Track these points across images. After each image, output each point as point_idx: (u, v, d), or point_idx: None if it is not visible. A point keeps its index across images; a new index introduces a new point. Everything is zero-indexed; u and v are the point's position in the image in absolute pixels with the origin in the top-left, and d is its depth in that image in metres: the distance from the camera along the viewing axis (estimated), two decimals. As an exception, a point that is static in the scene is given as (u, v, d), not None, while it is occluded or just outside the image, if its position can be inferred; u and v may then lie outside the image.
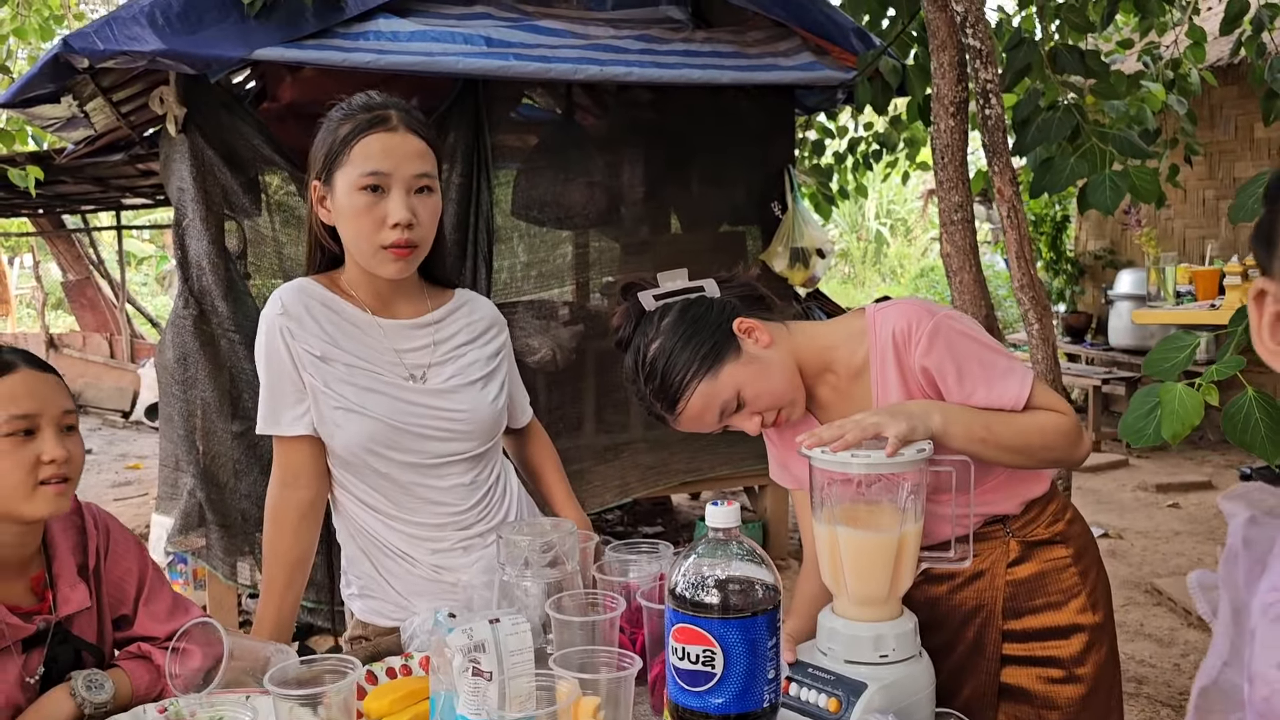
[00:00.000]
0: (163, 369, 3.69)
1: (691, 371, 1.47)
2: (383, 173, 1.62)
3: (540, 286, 4.31)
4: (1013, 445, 1.43)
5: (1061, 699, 1.55)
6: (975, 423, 1.41)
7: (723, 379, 1.48)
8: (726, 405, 1.49)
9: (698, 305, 1.53)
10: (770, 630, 1.05)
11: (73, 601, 1.54)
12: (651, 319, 1.53)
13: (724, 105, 4.36)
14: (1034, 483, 1.57)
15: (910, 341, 1.47)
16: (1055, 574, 1.57)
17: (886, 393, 1.50)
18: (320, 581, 3.49)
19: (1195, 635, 4.06)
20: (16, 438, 1.43)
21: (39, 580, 1.54)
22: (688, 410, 1.49)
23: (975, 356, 1.46)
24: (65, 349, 10.25)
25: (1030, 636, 1.57)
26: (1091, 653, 1.56)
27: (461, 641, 1.14)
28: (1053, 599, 1.57)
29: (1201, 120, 6.04)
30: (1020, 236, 3.09)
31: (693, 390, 1.47)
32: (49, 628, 1.51)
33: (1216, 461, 6.99)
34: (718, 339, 1.49)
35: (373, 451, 1.71)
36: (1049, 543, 1.58)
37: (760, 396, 1.49)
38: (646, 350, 1.51)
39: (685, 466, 4.42)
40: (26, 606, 1.51)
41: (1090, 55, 3.38)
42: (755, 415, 1.51)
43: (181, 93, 3.50)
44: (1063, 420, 1.46)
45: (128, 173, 6.34)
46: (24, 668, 1.47)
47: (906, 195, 17.63)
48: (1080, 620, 1.56)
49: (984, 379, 1.45)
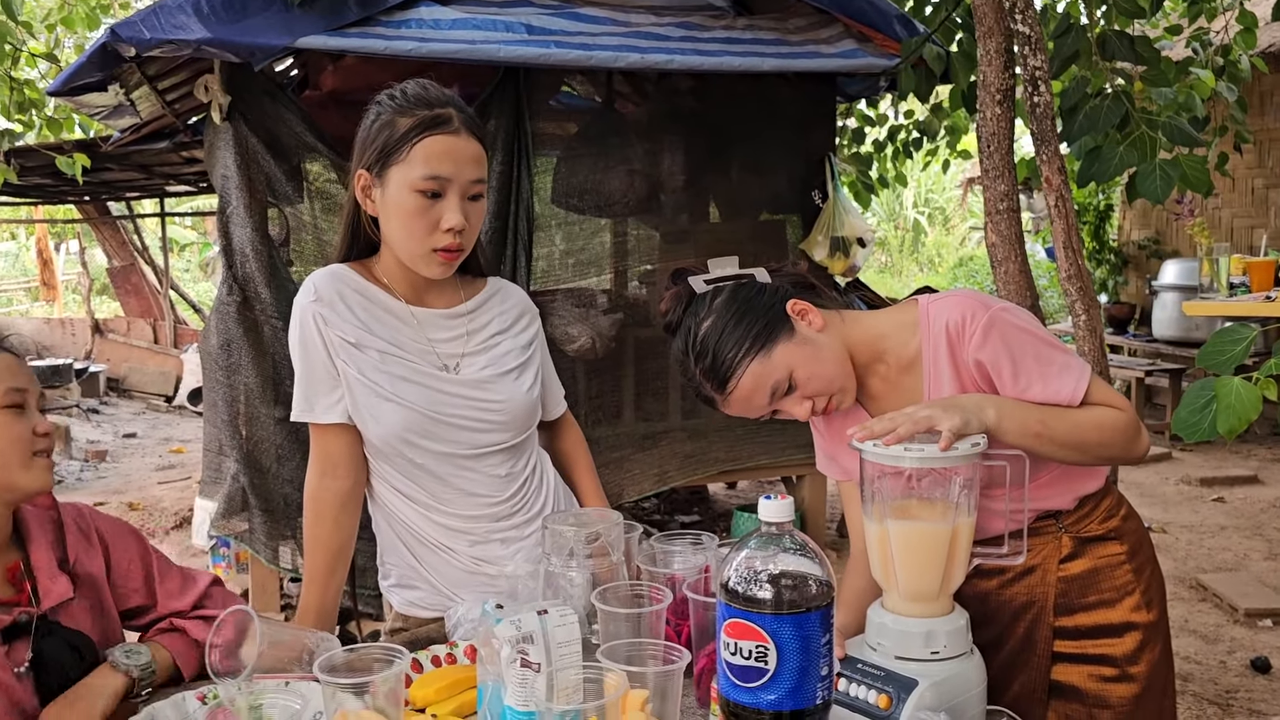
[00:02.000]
0: (207, 355, 3.73)
1: (744, 349, 1.45)
2: (443, 177, 1.61)
3: (578, 274, 4.31)
4: (1068, 441, 1.40)
5: (1114, 698, 1.52)
6: (1030, 418, 1.39)
7: (775, 358, 1.46)
8: (778, 386, 1.47)
9: (750, 287, 1.52)
10: (824, 626, 1.04)
11: (54, 593, 1.53)
12: (703, 300, 1.52)
13: (765, 93, 4.33)
14: (1088, 478, 1.54)
15: (965, 334, 1.44)
16: (1109, 571, 1.54)
17: (939, 385, 1.48)
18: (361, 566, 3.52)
19: (1241, 632, 4.00)
20: (14, 410, 1.46)
21: (14, 570, 1.53)
22: (738, 390, 1.47)
23: (1031, 351, 1.43)
24: (110, 334, 10.42)
25: (1082, 634, 1.54)
26: (1145, 651, 1.53)
27: (510, 632, 1.14)
28: (1106, 596, 1.54)
29: (1251, 108, 5.90)
30: (1068, 226, 3.04)
31: (745, 368, 1.45)
32: (31, 620, 1.49)
33: (1263, 455, 6.87)
34: (771, 318, 1.47)
35: (408, 442, 1.71)
36: (1103, 539, 1.55)
37: (812, 379, 1.47)
38: (698, 329, 1.49)
39: (724, 455, 4.40)
40: (6, 598, 1.51)
41: (1140, 41, 3.31)
42: (806, 400, 1.49)
43: (226, 81, 3.53)
44: (1120, 416, 1.43)
45: (172, 160, 6.42)
46: (7, 657, 1.46)
47: (945, 184, 17.45)
48: (1134, 618, 1.53)
49: (1040, 374, 1.42)
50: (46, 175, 6.52)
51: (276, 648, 1.48)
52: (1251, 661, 3.70)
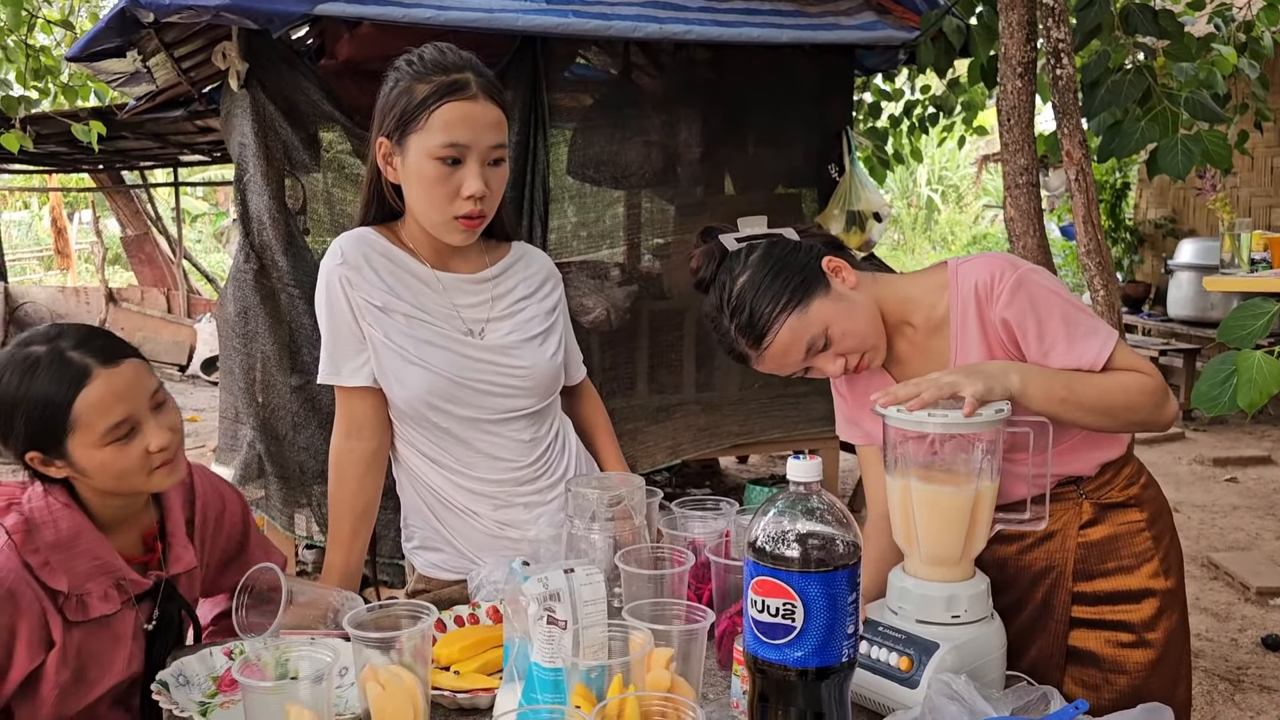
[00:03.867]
0: (224, 323, 3.74)
1: (782, 303, 1.46)
2: (462, 144, 1.60)
3: (592, 247, 4.30)
4: (1095, 406, 1.41)
5: (1131, 663, 1.53)
6: (1055, 383, 1.39)
7: (812, 313, 1.46)
8: (814, 342, 1.47)
9: (785, 244, 1.52)
10: (851, 585, 1.05)
11: (183, 561, 1.61)
12: (737, 256, 1.52)
13: (782, 65, 4.30)
14: (1110, 445, 1.54)
15: (993, 293, 1.44)
16: (1128, 538, 1.55)
17: (966, 347, 1.48)
18: (379, 534, 3.54)
19: (1252, 610, 4.00)
20: (120, 442, 1.47)
21: (151, 534, 1.60)
22: (775, 345, 1.47)
23: (1058, 312, 1.43)
24: (124, 303, 10.45)
25: (1100, 600, 1.55)
26: (1163, 618, 1.54)
27: (537, 590, 1.15)
28: (1125, 562, 1.55)
29: (1272, 85, 5.85)
30: (1088, 200, 3.03)
31: (782, 323, 1.46)
32: (159, 582, 1.56)
33: (1276, 436, 6.85)
34: (807, 274, 1.48)
35: (433, 406, 1.71)
36: (1123, 506, 1.55)
37: (847, 335, 1.48)
38: (733, 285, 1.49)
39: (737, 429, 4.41)
40: (139, 557, 1.58)
41: (1163, 15, 3.28)
42: (839, 357, 1.49)
43: (244, 48, 3.52)
44: (1147, 381, 1.43)
45: (186, 129, 6.42)
46: (138, 616, 1.55)
47: (959, 162, 17.34)
48: (1152, 585, 1.54)
49: (1065, 335, 1.42)
50: (62, 143, 6.54)
51: (302, 606, 1.50)
52: (1263, 639, 3.71)
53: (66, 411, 1.43)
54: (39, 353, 1.45)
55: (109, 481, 1.48)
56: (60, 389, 1.43)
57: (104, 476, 1.47)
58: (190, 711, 1.32)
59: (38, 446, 1.45)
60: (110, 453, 1.45)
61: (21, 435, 1.45)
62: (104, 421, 1.44)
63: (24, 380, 1.43)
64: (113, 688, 1.53)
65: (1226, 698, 3.31)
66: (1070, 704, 1.18)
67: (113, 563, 1.50)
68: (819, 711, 1.07)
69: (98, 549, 1.49)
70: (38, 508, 1.48)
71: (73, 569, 1.46)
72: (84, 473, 1.47)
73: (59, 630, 1.45)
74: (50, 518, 1.47)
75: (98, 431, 1.44)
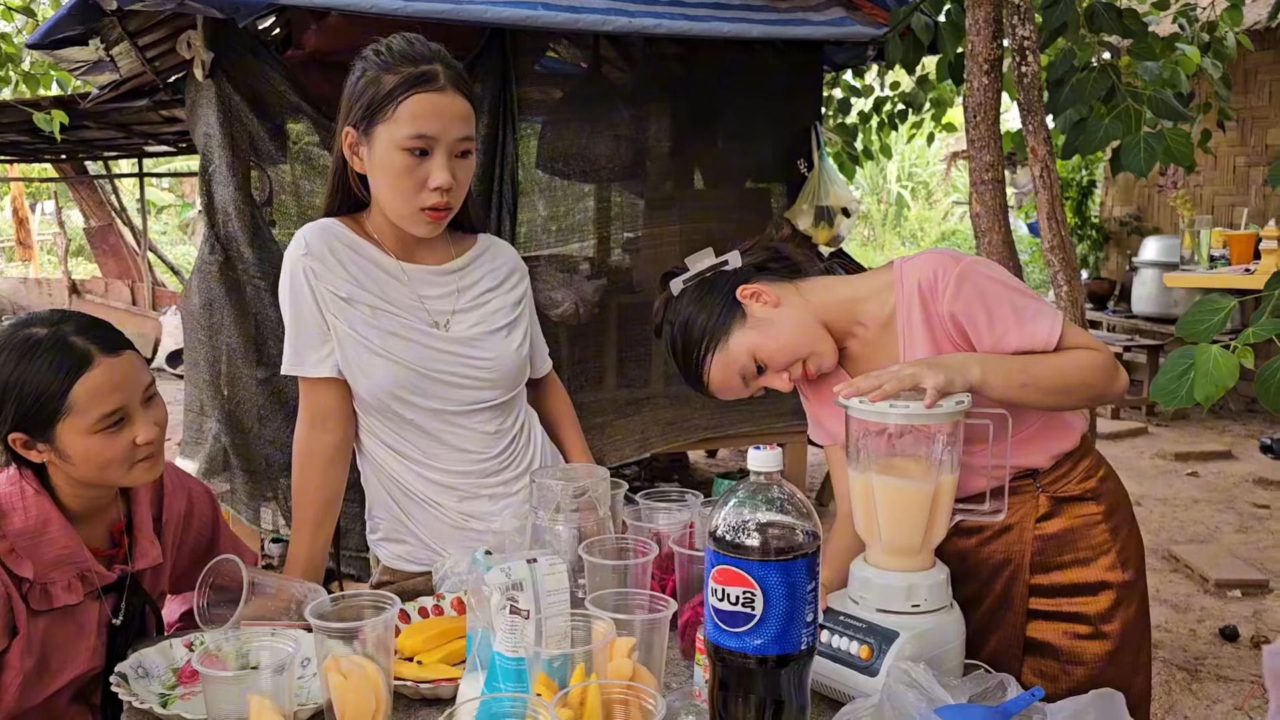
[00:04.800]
0: (188, 315, 3.71)
1: (703, 346, 1.54)
2: (429, 136, 1.60)
3: (561, 241, 4.29)
4: (1054, 386, 1.44)
5: (1088, 654, 1.55)
6: (1014, 368, 1.41)
7: (733, 346, 1.53)
8: (745, 370, 1.55)
9: (707, 282, 1.58)
10: (810, 574, 1.06)
11: (149, 557, 1.60)
12: (675, 303, 1.60)
13: (752, 60, 4.31)
14: (1064, 436, 1.57)
15: (938, 289, 1.47)
16: (1085, 530, 1.57)
17: (912, 343, 1.50)
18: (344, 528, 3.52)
19: (1210, 602, 4.07)
20: (109, 431, 1.46)
21: (118, 528, 1.59)
22: (712, 382, 1.57)
23: (1005, 299, 1.46)
24: (87, 295, 10.32)
25: (1058, 592, 1.57)
26: (1119, 610, 1.56)
27: (500, 580, 1.15)
28: (1081, 555, 1.57)
29: (1235, 85, 5.94)
30: (1052, 197, 3.06)
31: (709, 363, 1.55)
32: (125, 576, 1.56)
33: (1237, 431, 6.96)
34: (722, 310, 1.54)
35: (398, 397, 1.71)
36: (1079, 499, 1.57)
37: (775, 355, 1.53)
38: (671, 333, 1.59)
39: (706, 423, 4.43)
40: (105, 550, 1.57)
41: (1128, 15, 3.32)
42: (780, 373, 1.55)
43: (209, 38, 3.49)
44: (1098, 356, 1.47)
45: (151, 119, 6.33)
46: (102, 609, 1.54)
47: (929, 159, 17.46)
48: (1109, 577, 1.56)
49: (1016, 321, 1.45)
50: (23, 132, 6.44)
51: (265, 598, 1.49)
52: (1220, 630, 3.78)
53: (64, 394, 1.43)
54: (40, 334, 1.45)
55: (91, 470, 1.48)
56: (60, 372, 1.43)
57: (87, 465, 1.47)
58: (150, 703, 1.31)
59: (25, 428, 1.45)
60: (98, 441, 1.45)
61: (11, 415, 1.44)
62: (99, 409, 1.44)
63: (22, 360, 1.43)
64: (75, 681, 1.52)
65: (1184, 687, 3.37)
66: (1027, 691, 1.20)
67: (78, 554, 1.49)
68: (779, 699, 1.08)
69: (64, 539, 1.48)
70: (8, 493, 1.47)
71: (38, 557, 1.45)
72: (68, 459, 1.46)
73: (23, 618, 1.44)
74: (20, 504, 1.46)
75: (91, 418, 1.44)
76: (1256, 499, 5.47)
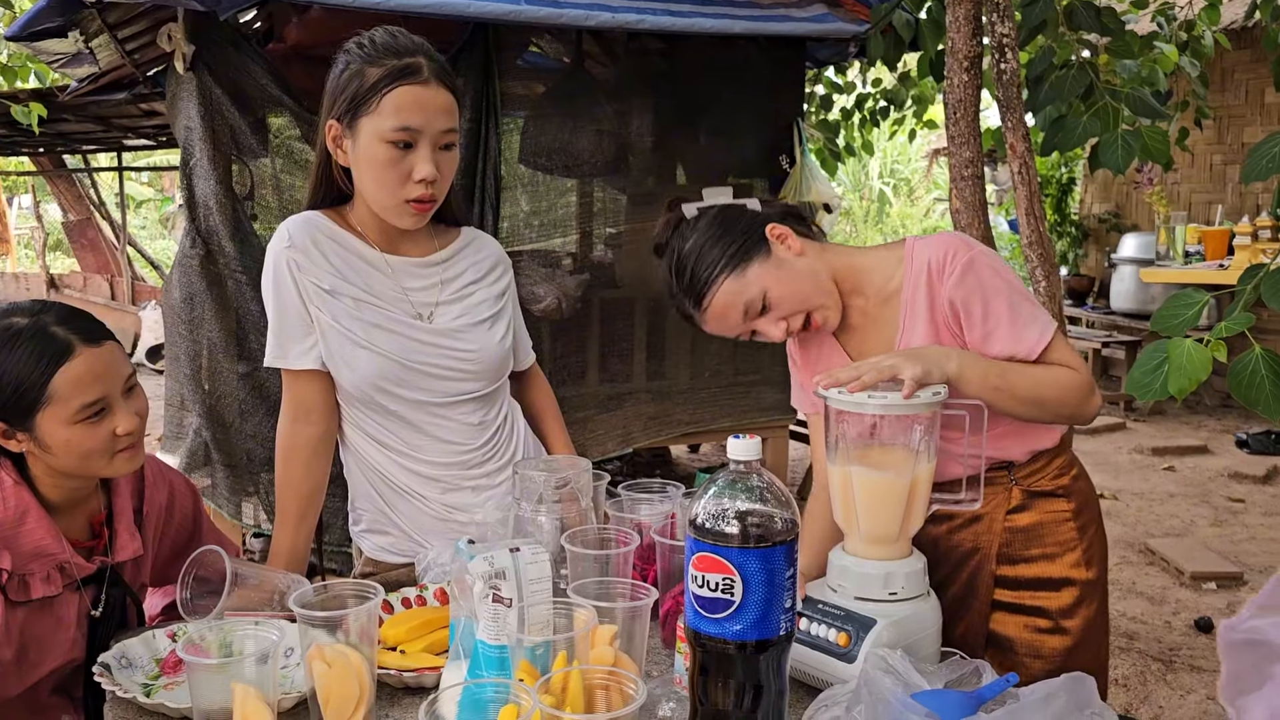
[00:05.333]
0: (169, 309, 3.70)
1: (720, 266, 1.51)
2: (414, 128, 1.60)
3: (544, 236, 4.30)
4: (1027, 397, 1.45)
5: (1047, 649, 1.58)
6: (991, 371, 1.43)
7: (749, 277, 1.52)
8: (751, 305, 1.52)
9: (733, 209, 1.57)
10: (788, 561, 1.07)
11: (129, 549, 1.60)
12: (690, 222, 1.57)
13: (735, 56, 4.33)
14: (1045, 434, 1.59)
15: (945, 271, 1.49)
16: (1054, 526, 1.60)
17: (913, 321, 1.52)
18: (326, 521, 3.52)
19: (1186, 594, 4.12)
20: (90, 421, 1.47)
21: (98, 520, 1.59)
22: (713, 307, 1.53)
23: (1004, 298, 1.48)
24: (66, 290, 10.25)
25: (1022, 585, 1.60)
26: (1081, 608, 1.59)
27: (483, 568, 1.16)
28: (1048, 550, 1.59)
29: (1213, 84, 6.00)
30: (1031, 193, 3.09)
31: (719, 285, 1.52)
32: (105, 568, 1.55)
33: (1212, 426, 7.04)
34: (748, 239, 1.53)
35: (381, 389, 1.72)
36: (1051, 495, 1.60)
37: (785, 299, 1.53)
38: (681, 247, 1.55)
39: (688, 417, 4.45)
40: (85, 542, 1.57)
41: (1106, 13, 3.35)
42: (781, 320, 1.54)
43: (190, 30, 3.47)
44: (1076, 376, 1.48)
45: (130, 112, 6.30)
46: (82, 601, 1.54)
47: (910, 155, 17.52)
48: (1073, 574, 1.59)
49: (1009, 320, 1.47)
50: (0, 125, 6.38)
51: (248, 588, 1.50)
52: (1195, 621, 3.82)
53: (45, 384, 1.43)
54: (21, 324, 1.45)
55: (71, 461, 1.47)
56: (41, 361, 1.43)
57: (67, 455, 1.47)
58: (133, 693, 1.31)
59: (4, 418, 1.45)
60: (79, 431, 1.45)
61: None
62: (80, 399, 1.45)
63: (2, 350, 1.43)
64: (55, 672, 1.52)
65: (1159, 678, 3.41)
66: (1001, 677, 1.22)
67: (57, 545, 1.49)
68: (758, 684, 1.09)
69: (43, 530, 1.48)
70: None
71: (16, 548, 1.45)
72: (48, 449, 1.46)
73: (1, 609, 1.44)
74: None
75: (72, 408, 1.44)
76: (1231, 493, 5.54)
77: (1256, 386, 1.94)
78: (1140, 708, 3.22)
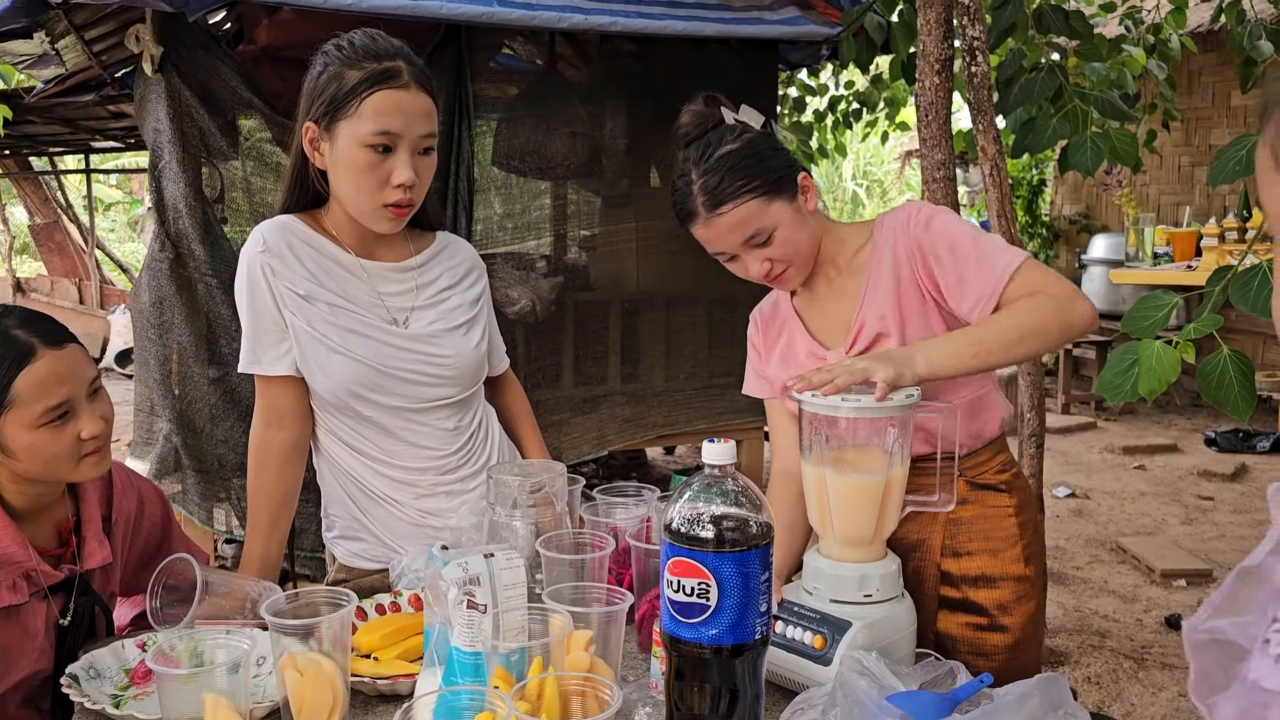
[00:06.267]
0: (138, 313, 3.66)
1: (754, 185, 1.52)
2: (393, 133, 1.59)
3: (518, 238, 4.29)
4: (1007, 340, 1.42)
5: (988, 645, 1.60)
6: (959, 344, 1.43)
7: (772, 209, 1.54)
8: (759, 233, 1.54)
9: (775, 141, 1.59)
10: (763, 564, 1.07)
11: (98, 556, 1.58)
12: (733, 129, 1.56)
13: (707, 58, 4.33)
14: (991, 419, 1.62)
15: (910, 225, 1.54)
16: (997, 520, 1.62)
17: (875, 289, 1.56)
18: (299, 528, 3.49)
19: (1157, 592, 4.16)
20: (54, 425, 1.45)
21: (66, 528, 1.57)
22: (727, 218, 1.53)
23: (968, 236, 1.52)
24: (33, 294, 10.12)
25: (964, 580, 1.61)
26: (1020, 604, 1.61)
27: (457, 575, 1.15)
28: (991, 544, 1.61)
29: (1180, 86, 6.07)
30: (1002, 195, 3.11)
31: (745, 202, 1.52)
32: (73, 577, 1.53)
33: (1182, 425, 7.12)
34: (785, 175, 1.55)
35: (356, 395, 1.71)
36: (994, 489, 1.62)
37: (786, 243, 1.56)
38: (719, 146, 1.54)
39: (662, 420, 4.44)
40: (52, 550, 1.54)
41: (1075, 16, 3.38)
42: (767, 261, 1.57)
43: (158, 32, 3.44)
44: (1049, 298, 1.45)
45: (98, 114, 6.23)
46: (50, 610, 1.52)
47: (883, 157, 17.63)
48: (1013, 570, 1.61)
49: (975, 256, 1.49)
50: (-35, 127, 6.29)
51: (219, 596, 1.48)
52: (1166, 619, 3.86)
53: (6, 388, 1.41)
54: None
55: (36, 465, 1.45)
56: (2, 364, 1.41)
57: (32, 460, 1.45)
58: (102, 704, 1.30)
59: None
60: (43, 435, 1.44)
61: None
62: (43, 402, 1.42)
63: None
64: (23, 683, 1.49)
65: (1131, 675, 3.44)
66: (975, 678, 1.22)
67: (23, 552, 1.46)
68: (734, 688, 1.09)
69: (8, 537, 1.45)
70: None
71: None
72: (11, 454, 1.44)
73: None
74: None
75: (35, 412, 1.42)
76: (1201, 491, 5.60)
77: (1225, 387, 1.96)
78: (1113, 705, 3.25)
